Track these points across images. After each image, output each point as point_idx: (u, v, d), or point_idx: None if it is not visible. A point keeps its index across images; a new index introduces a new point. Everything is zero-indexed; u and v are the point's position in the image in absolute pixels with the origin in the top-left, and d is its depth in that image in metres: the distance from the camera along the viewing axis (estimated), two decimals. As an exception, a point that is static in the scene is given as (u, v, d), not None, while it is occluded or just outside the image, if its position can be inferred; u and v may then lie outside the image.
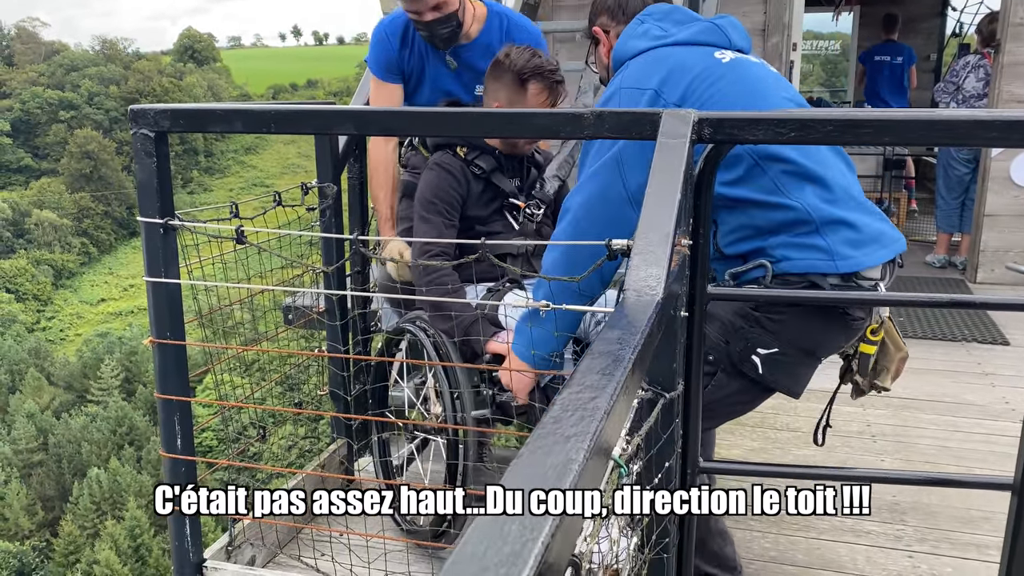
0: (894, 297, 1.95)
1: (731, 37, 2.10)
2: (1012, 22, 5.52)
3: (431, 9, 2.64)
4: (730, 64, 2.02)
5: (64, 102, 72.17)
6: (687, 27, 2.09)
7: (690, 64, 1.99)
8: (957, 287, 5.77)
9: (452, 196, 2.54)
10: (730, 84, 1.97)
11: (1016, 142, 1.44)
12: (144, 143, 1.87)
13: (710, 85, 1.97)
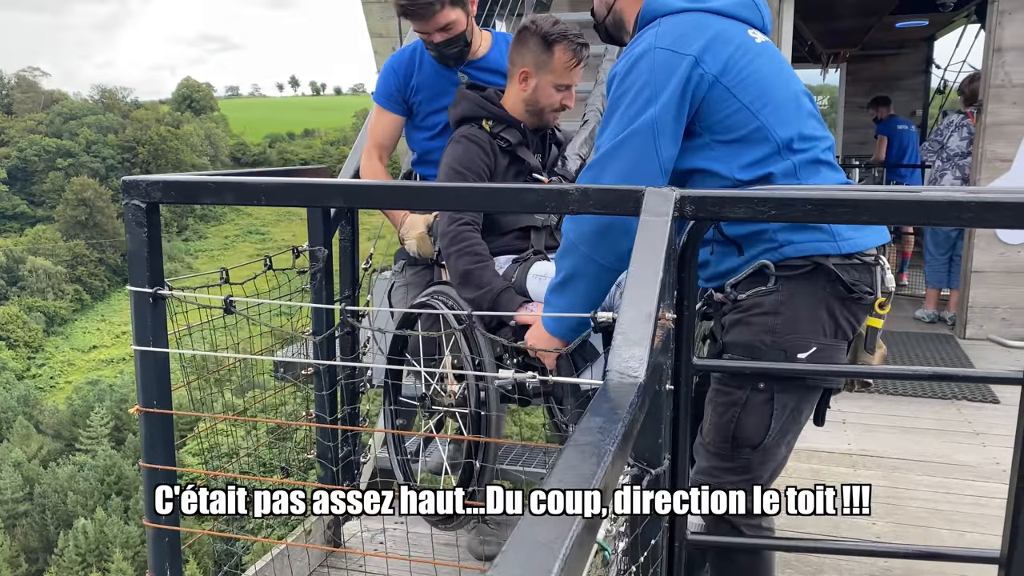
0: (872, 370, 1.96)
1: (764, 18, 2.06)
2: (992, 84, 5.64)
3: (439, 31, 2.77)
4: (762, 45, 1.99)
5: (62, 150, 72.70)
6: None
7: (729, 35, 1.93)
8: (946, 343, 5.79)
9: (480, 166, 2.52)
10: (763, 67, 1.94)
11: (990, 222, 1.47)
12: (136, 213, 1.89)
13: (749, 62, 1.92)
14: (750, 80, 1.91)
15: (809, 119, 2.00)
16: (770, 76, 1.95)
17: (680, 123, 1.90)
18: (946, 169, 6.44)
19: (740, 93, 1.91)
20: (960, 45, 10.33)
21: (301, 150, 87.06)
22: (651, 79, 1.88)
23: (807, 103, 2.03)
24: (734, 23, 1.98)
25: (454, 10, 2.75)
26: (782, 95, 1.96)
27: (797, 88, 2.02)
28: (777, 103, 1.94)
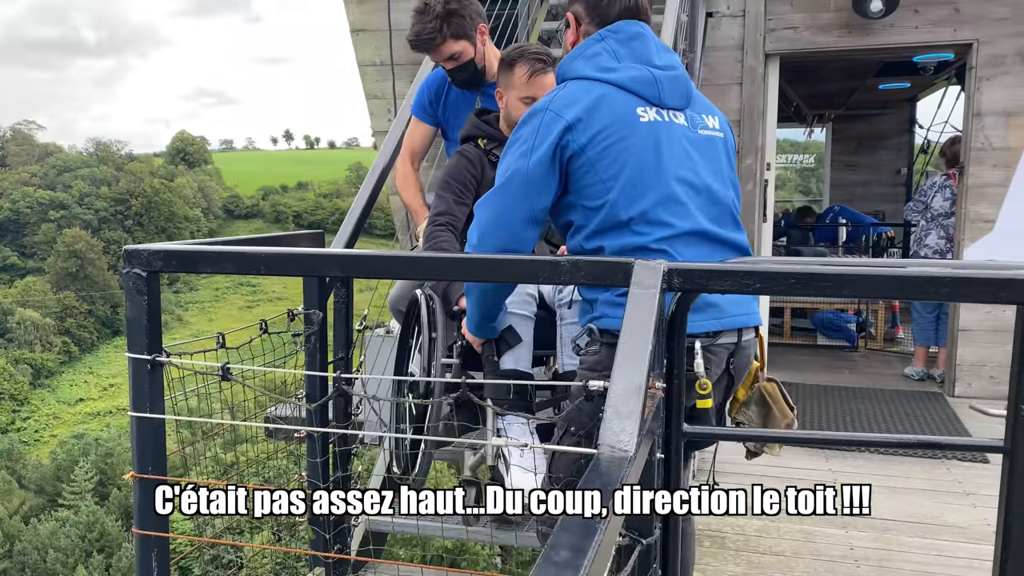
0: (861, 438, 1.99)
1: (663, 94, 2.09)
2: (973, 147, 5.79)
3: (447, 60, 3.09)
4: (646, 125, 2.04)
5: (55, 202, 72.95)
6: (631, 68, 2.09)
7: (611, 111, 2.03)
8: (935, 401, 5.83)
9: (466, 177, 2.92)
10: (633, 146, 2.02)
11: (966, 297, 1.52)
12: (136, 282, 1.93)
13: (621, 139, 2.02)
14: (612, 156, 2.01)
15: (672, 204, 2.03)
16: (639, 155, 2.02)
17: (552, 178, 2.04)
18: (931, 228, 6.56)
19: (599, 167, 2.02)
20: (942, 106, 10.60)
21: (294, 203, 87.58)
22: (534, 134, 2.05)
23: (681, 189, 2.05)
24: (626, 97, 2.06)
25: (458, 42, 3.03)
26: (646, 176, 2.02)
27: (675, 175, 2.05)
28: (633, 183, 2.01)
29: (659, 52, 2.15)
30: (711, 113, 2.21)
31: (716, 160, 2.15)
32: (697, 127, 2.14)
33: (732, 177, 2.22)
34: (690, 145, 2.10)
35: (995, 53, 5.69)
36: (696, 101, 2.20)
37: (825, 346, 8.02)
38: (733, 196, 2.18)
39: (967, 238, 5.88)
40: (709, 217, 2.09)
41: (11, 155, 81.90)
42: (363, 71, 6.68)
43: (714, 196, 2.11)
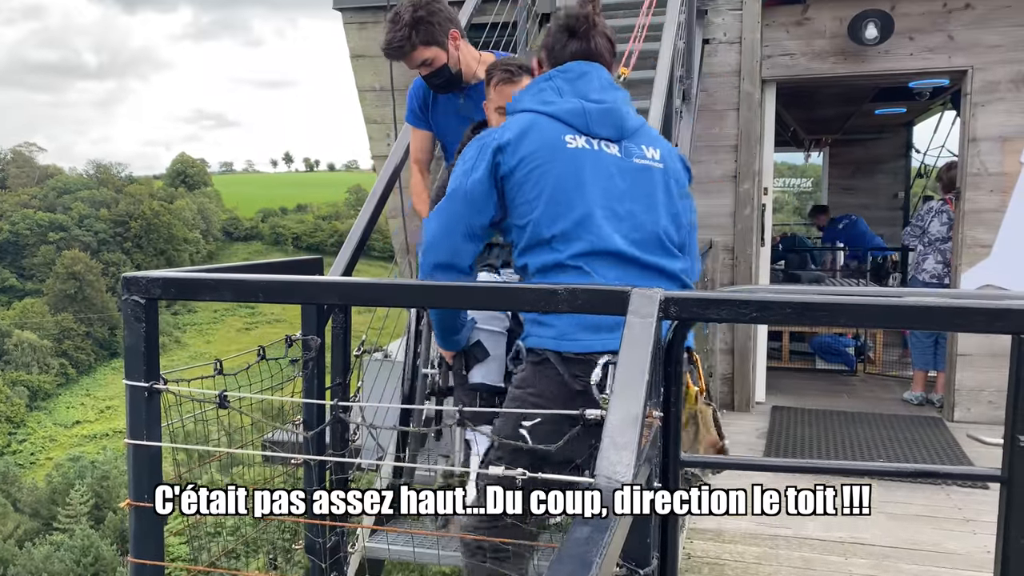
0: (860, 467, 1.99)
1: (592, 124, 2.21)
2: (969, 172, 5.82)
3: (420, 66, 3.13)
4: (572, 152, 2.17)
5: (54, 224, 73.11)
6: (568, 102, 2.23)
7: (540, 137, 2.17)
8: (934, 426, 5.82)
9: None
10: (557, 169, 2.15)
11: (961, 327, 1.53)
12: (135, 309, 1.93)
13: (541, 164, 2.15)
14: (536, 178, 2.15)
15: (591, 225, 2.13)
16: (562, 178, 2.15)
17: (490, 198, 2.19)
18: (928, 253, 6.58)
19: (525, 188, 2.16)
20: (938, 131, 10.68)
21: (293, 224, 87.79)
22: (475, 157, 2.22)
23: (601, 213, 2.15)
24: (557, 126, 2.20)
25: (429, 48, 3.08)
26: (567, 197, 2.14)
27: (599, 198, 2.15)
28: (555, 202, 2.14)
29: (601, 89, 2.27)
30: (654, 145, 2.30)
31: (648, 188, 2.24)
32: (632, 156, 2.24)
33: (671, 206, 2.27)
34: (618, 173, 2.20)
35: (989, 80, 5.75)
36: (640, 133, 2.30)
37: (824, 370, 8.02)
38: (666, 224, 2.24)
39: (964, 263, 5.90)
40: (630, 241, 2.17)
41: (11, 177, 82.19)
42: (363, 96, 6.73)
43: (637, 222, 2.20)
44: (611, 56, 2.38)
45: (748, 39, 5.98)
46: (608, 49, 2.37)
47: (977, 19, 5.73)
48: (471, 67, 3.23)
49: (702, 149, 6.08)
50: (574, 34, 2.33)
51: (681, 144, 4.75)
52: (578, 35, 2.33)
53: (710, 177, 6.13)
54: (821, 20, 6.01)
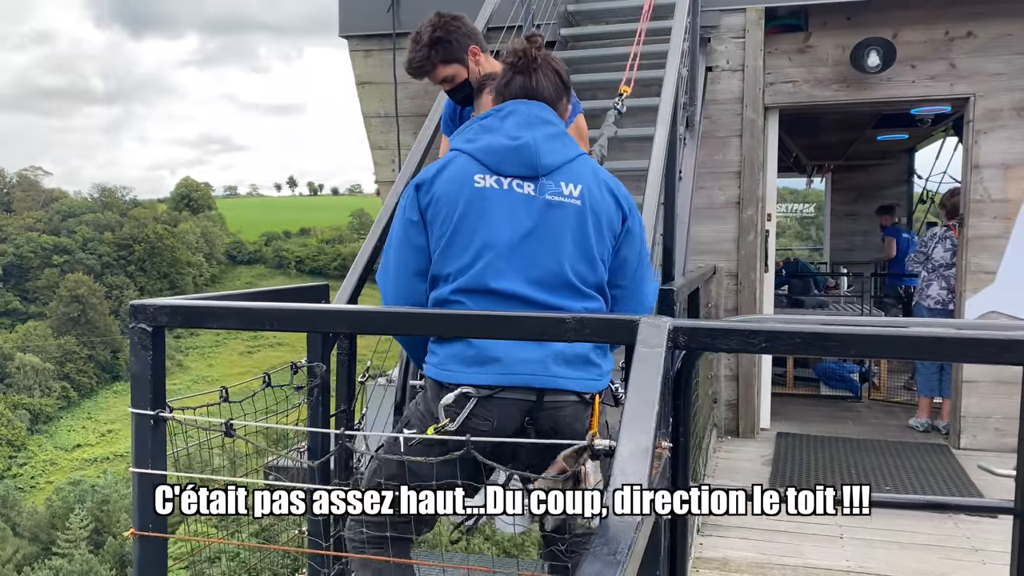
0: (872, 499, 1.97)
1: (502, 163, 2.22)
2: (972, 199, 5.83)
3: (442, 82, 3.21)
4: (478, 191, 2.19)
5: (58, 247, 73.35)
6: (486, 140, 2.25)
7: (452, 176, 2.22)
8: (940, 453, 5.78)
9: None
10: (460, 210, 2.18)
11: (970, 358, 1.52)
12: (142, 337, 1.93)
13: (448, 203, 2.19)
14: (443, 217, 2.19)
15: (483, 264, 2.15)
16: (465, 217, 2.18)
17: (421, 236, 2.25)
18: (932, 279, 6.58)
19: (434, 226, 2.21)
20: (940, 157, 10.71)
21: (296, 248, 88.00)
22: (406, 198, 2.28)
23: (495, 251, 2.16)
24: (473, 165, 2.22)
25: (449, 66, 3.14)
26: (465, 236, 2.18)
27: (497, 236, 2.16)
28: (453, 241, 2.19)
29: (519, 127, 2.25)
30: (576, 182, 2.24)
31: (557, 226, 2.20)
32: (545, 193, 2.21)
33: (584, 244, 2.22)
34: (525, 211, 2.19)
35: (992, 107, 5.77)
36: (563, 170, 2.25)
37: (828, 396, 7.98)
38: (575, 262, 2.20)
39: (969, 289, 5.89)
40: (527, 279, 2.16)
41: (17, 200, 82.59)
42: (368, 122, 6.77)
43: (537, 260, 2.18)
44: (558, 91, 2.38)
45: (751, 67, 6.02)
46: (553, 84, 2.37)
47: (979, 47, 5.77)
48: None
49: (706, 175, 6.10)
50: (516, 71, 2.37)
51: (685, 171, 4.76)
52: (520, 72, 2.36)
53: (714, 203, 6.14)
54: (823, 48, 6.06)
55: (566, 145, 2.29)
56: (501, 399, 2.14)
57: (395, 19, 6.35)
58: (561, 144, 2.28)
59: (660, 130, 3.58)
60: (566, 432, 2.13)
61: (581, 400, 2.19)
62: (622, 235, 2.28)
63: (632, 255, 2.31)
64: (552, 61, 2.39)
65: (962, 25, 5.79)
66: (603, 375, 2.24)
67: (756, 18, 5.97)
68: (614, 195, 2.29)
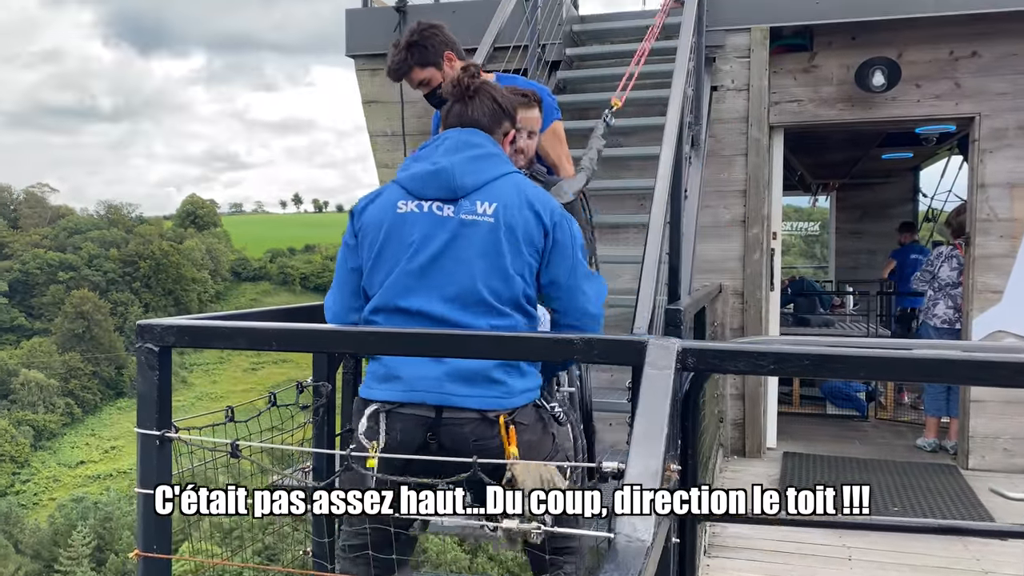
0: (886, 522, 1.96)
1: (423, 188, 2.32)
2: (979, 218, 5.82)
3: (419, 86, 3.37)
4: (399, 216, 2.32)
5: (64, 263, 73.57)
6: (412, 168, 2.37)
7: (379, 204, 2.37)
8: (949, 474, 5.73)
9: None
10: (383, 235, 2.31)
11: (982, 381, 1.51)
12: (148, 357, 1.93)
13: (373, 229, 2.34)
14: (369, 241, 2.34)
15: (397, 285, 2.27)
16: (385, 241, 2.31)
17: (355, 259, 2.39)
18: (939, 299, 6.55)
19: (362, 251, 2.36)
20: (945, 175, 10.72)
21: (301, 265, 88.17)
22: (350, 224, 2.43)
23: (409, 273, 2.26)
24: (398, 192, 2.36)
25: (424, 70, 3.32)
26: (385, 259, 2.30)
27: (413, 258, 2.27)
28: (375, 265, 2.32)
29: (444, 153, 2.35)
30: (491, 200, 2.29)
31: (470, 245, 2.26)
32: (461, 213, 2.28)
33: (497, 261, 2.25)
34: (442, 231, 2.27)
35: (997, 126, 5.78)
36: (482, 190, 2.30)
37: (835, 415, 7.93)
38: (488, 279, 2.24)
39: (975, 308, 5.87)
40: (441, 296, 2.24)
41: (24, 217, 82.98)
42: (374, 141, 6.80)
43: (452, 278, 2.25)
44: (494, 116, 2.46)
45: (756, 86, 6.03)
46: (489, 110, 2.45)
47: (984, 67, 5.78)
48: None
49: (711, 194, 6.10)
50: (454, 100, 2.48)
51: (690, 189, 4.76)
52: (457, 100, 2.47)
53: (719, 222, 6.14)
54: (828, 67, 6.07)
55: (490, 166, 2.35)
56: (402, 414, 2.25)
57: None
58: (483, 165, 2.34)
59: (665, 149, 3.58)
60: (466, 450, 2.10)
61: (484, 418, 2.22)
62: (548, 248, 2.32)
63: (562, 270, 2.33)
64: (489, 89, 2.48)
65: (967, 45, 5.80)
66: (511, 393, 2.25)
67: (761, 38, 5.99)
68: (534, 210, 2.31)
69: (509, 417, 2.22)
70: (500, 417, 2.22)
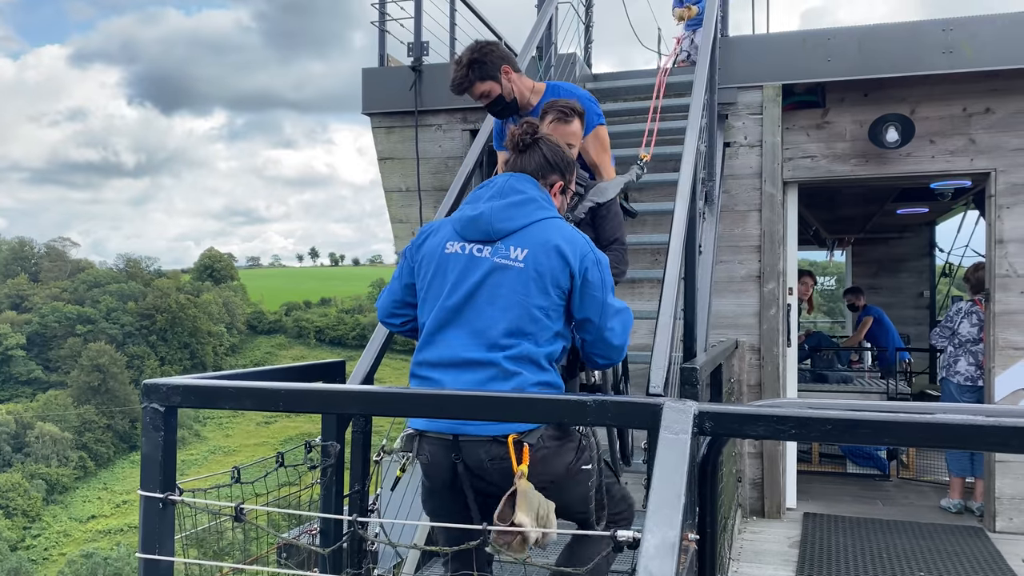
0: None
1: (466, 230, 2.59)
2: (998, 274, 5.75)
3: (480, 98, 3.67)
4: (446, 256, 2.59)
5: (82, 316, 74.08)
6: (463, 211, 2.64)
7: (432, 243, 2.65)
8: (976, 536, 5.56)
9: None
10: (431, 272, 2.60)
11: (1014, 448, 1.45)
12: (154, 417, 1.90)
13: (425, 266, 2.63)
14: (421, 276, 2.64)
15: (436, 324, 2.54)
16: (433, 278, 2.60)
17: (412, 270, 2.70)
18: (959, 355, 6.44)
19: (418, 278, 2.66)
20: (961, 230, 10.65)
21: (316, 318, 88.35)
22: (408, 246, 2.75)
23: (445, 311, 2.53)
24: (450, 232, 2.63)
25: (484, 83, 3.62)
26: (430, 294, 2.59)
27: (450, 296, 2.53)
28: (426, 296, 2.61)
29: (495, 197, 2.62)
30: (523, 246, 2.54)
31: (498, 285, 2.51)
32: (496, 256, 2.54)
33: (523, 302, 2.49)
34: (478, 273, 2.53)
35: (1014, 182, 5.74)
36: (517, 235, 2.56)
37: (856, 474, 7.75)
38: (513, 317, 2.48)
39: (997, 365, 5.76)
40: (471, 330, 2.50)
41: (44, 271, 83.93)
42: (389, 196, 6.84)
43: (480, 313, 2.50)
44: (541, 167, 2.74)
45: (769, 142, 6.05)
46: (538, 161, 2.73)
47: (998, 122, 5.78)
48: (525, 96, 3.79)
49: (726, 249, 6.08)
50: (511, 150, 2.78)
51: (705, 245, 4.74)
52: (514, 151, 2.77)
53: (734, 277, 6.10)
54: (841, 123, 6.09)
55: (527, 212, 2.59)
56: (429, 439, 2.53)
57: (417, 97, 6.47)
58: (521, 211, 2.59)
59: (680, 205, 3.57)
60: (485, 468, 2.45)
61: (495, 440, 2.43)
62: (577, 287, 2.53)
63: (593, 311, 2.55)
64: (542, 145, 2.75)
65: (979, 101, 5.81)
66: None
67: (773, 95, 6.03)
68: (562, 255, 2.53)
69: (519, 437, 2.40)
70: (509, 438, 2.40)
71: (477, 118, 6.36)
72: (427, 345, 2.55)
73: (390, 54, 6.74)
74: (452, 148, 6.58)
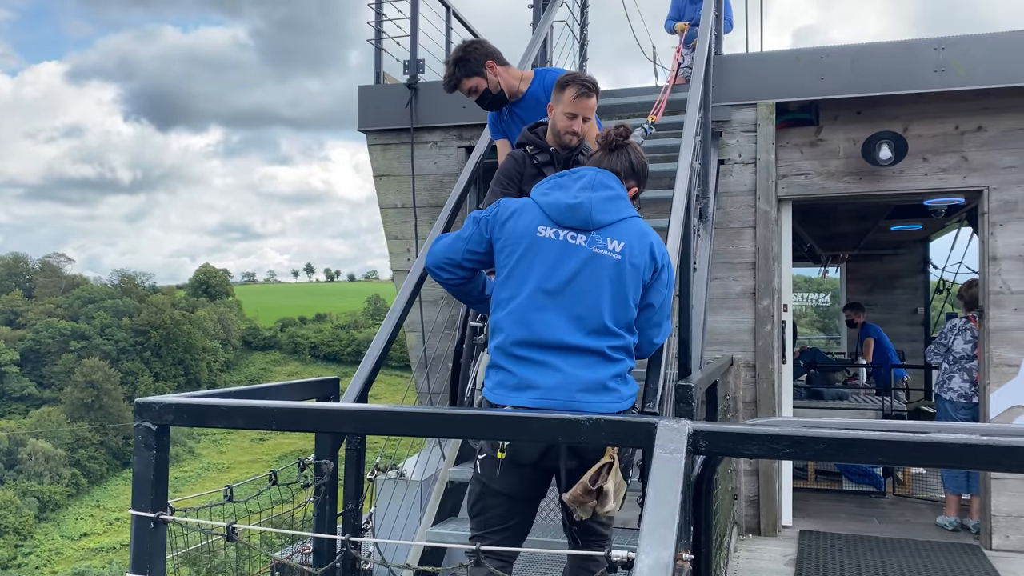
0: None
1: (562, 217, 2.72)
2: (992, 291, 5.77)
3: (469, 93, 3.95)
4: (536, 239, 2.70)
5: (76, 332, 73.78)
6: (553, 196, 2.76)
7: (521, 222, 2.74)
8: (972, 555, 5.54)
9: (511, 172, 3.67)
10: (521, 251, 2.71)
11: (1010, 468, 1.45)
12: (146, 436, 1.89)
13: (513, 244, 2.73)
14: (509, 252, 2.73)
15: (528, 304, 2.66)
16: (524, 258, 2.70)
17: (482, 246, 2.82)
18: (954, 372, 6.45)
19: (502, 256, 2.76)
20: (955, 247, 10.69)
21: (312, 334, 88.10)
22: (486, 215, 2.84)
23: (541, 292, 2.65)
24: (537, 215, 2.75)
25: (471, 79, 3.90)
26: (522, 274, 2.70)
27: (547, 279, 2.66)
28: (512, 275, 2.71)
29: (582, 190, 2.77)
30: (620, 239, 2.71)
31: (598, 274, 2.67)
32: (593, 246, 2.69)
33: (619, 291, 2.67)
34: (574, 258, 2.68)
35: (1006, 199, 5.77)
36: (612, 228, 2.73)
37: (851, 492, 7.73)
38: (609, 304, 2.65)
39: (992, 382, 5.77)
40: (569, 314, 2.63)
41: (38, 287, 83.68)
42: (384, 213, 6.85)
43: (578, 298, 2.64)
44: (625, 170, 2.91)
45: (763, 159, 6.08)
46: (623, 164, 2.91)
47: (990, 140, 5.82)
48: (513, 85, 4.01)
49: (720, 266, 6.09)
50: (601, 147, 2.96)
51: (699, 262, 4.75)
52: (602, 148, 2.96)
53: (729, 294, 6.11)
54: (835, 141, 6.12)
55: (619, 208, 2.76)
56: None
57: (412, 115, 6.50)
58: (615, 206, 2.76)
59: (674, 222, 3.58)
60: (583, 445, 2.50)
61: None
62: (653, 280, 2.76)
63: (657, 301, 2.78)
64: (630, 150, 2.94)
65: (972, 119, 5.85)
66: (622, 399, 2.69)
67: (767, 113, 6.06)
68: (652, 252, 2.75)
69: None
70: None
71: (472, 135, 6.38)
72: (522, 325, 2.65)
73: (386, 72, 6.77)
74: (448, 165, 6.60)
